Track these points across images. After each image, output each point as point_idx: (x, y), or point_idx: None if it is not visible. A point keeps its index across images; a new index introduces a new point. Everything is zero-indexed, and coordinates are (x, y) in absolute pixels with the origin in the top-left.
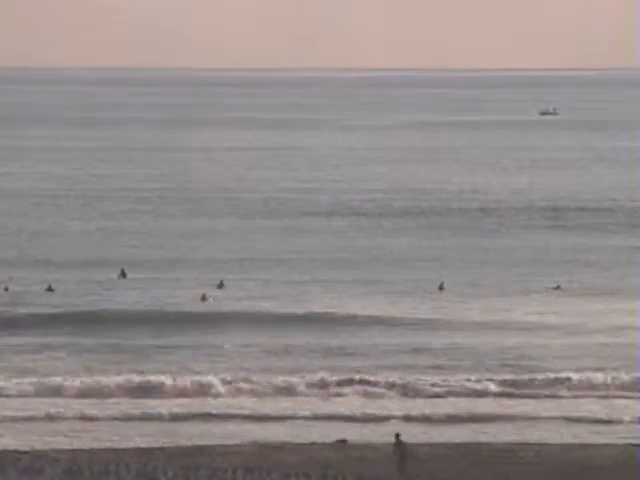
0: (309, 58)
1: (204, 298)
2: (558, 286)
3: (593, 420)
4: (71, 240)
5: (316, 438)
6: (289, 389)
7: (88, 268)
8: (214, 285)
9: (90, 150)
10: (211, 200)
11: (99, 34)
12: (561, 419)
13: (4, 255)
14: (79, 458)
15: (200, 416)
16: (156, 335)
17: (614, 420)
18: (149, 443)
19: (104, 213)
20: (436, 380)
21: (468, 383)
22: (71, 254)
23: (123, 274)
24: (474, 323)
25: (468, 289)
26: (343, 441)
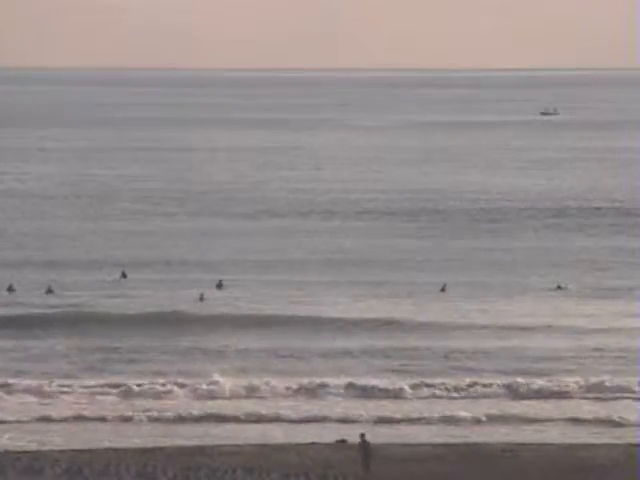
0: (309, 58)
1: (202, 298)
2: (559, 287)
3: (594, 421)
4: (71, 240)
5: (316, 438)
6: (289, 390)
7: (88, 269)
8: (213, 285)
9: (90, 150)
10: (211, 200)
11: (99, 34)
12: (562, 420)
13: (4, 255)
14: (79, 458)
15: (200, 416)
16: (156, 335)
17: (615, 421)
18: (149, 443)
19: (104, 213)
20: (436, 382)
21: (471, 385)
22: (71, 254)
23: (123, 275)
24: (476, 325)
25: (470, 290)
26: (343, 441)
